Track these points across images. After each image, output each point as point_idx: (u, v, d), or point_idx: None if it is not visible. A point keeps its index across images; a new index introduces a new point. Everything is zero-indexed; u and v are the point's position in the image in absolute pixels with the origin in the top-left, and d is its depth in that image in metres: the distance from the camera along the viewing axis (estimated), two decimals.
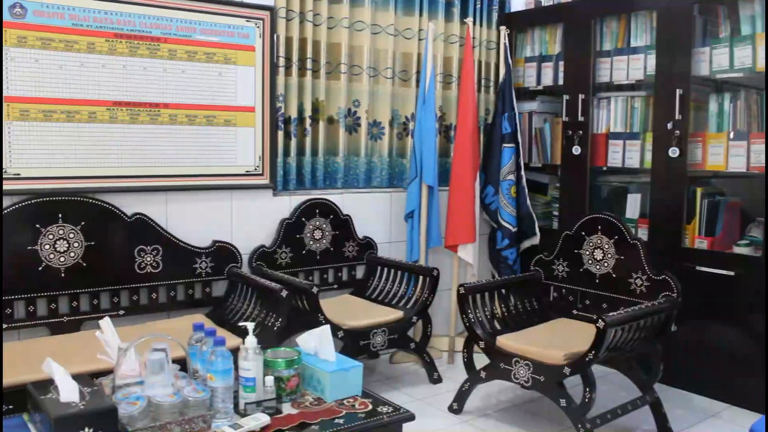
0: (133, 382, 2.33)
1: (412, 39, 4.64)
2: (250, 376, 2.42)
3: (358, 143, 4.48)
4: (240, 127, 3.96)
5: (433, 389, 4.09)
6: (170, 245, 3.73)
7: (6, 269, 3.33)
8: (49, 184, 3.46)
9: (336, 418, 2.44)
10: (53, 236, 3.43)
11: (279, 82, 4.07)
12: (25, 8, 3.36)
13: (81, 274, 3.51)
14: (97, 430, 2.08)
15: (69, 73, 3.49)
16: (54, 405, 2.10)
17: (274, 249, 4.09)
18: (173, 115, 3.76)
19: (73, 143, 3.51)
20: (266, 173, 4.06)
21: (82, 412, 2.08)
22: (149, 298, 3.71)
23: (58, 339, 3.40)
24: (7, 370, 2.90)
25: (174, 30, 3.74)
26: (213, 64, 3.86)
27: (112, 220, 3.58)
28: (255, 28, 3.97)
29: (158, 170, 3.73)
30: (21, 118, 3.38)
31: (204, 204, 3.90)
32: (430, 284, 4.06)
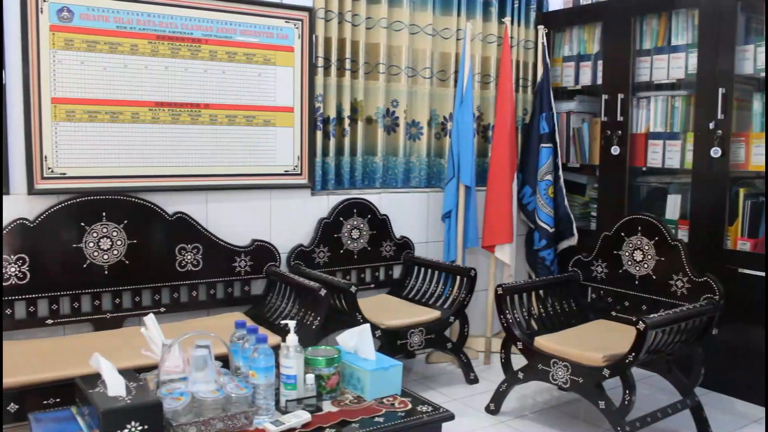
0: (176, 378, 2.37)
1: (450, 39, 4.64)
2: (292, 373, 2.44)
3: (396, 143, 4.50)
4: (279, 127, 4.00)
5: (470, 389, 4.08)
6: (210, 244, 3.78)
7: (52, 266, 3.41)
8: (93, 183, 3.53)
9: (376, 417, 2.46)
10: (97, 234, 3.50)
11: (318, 83, 4.10)
12: (72, 12, 3.44)
13: (123, 271, 3.57)
14: (143, 424, 2.12)
15: (113, 75, 3.55)
16: (102, 399, 2.15)
17: (312, 248, 4.13)
18: (214, 116, 3.81)
19: (116, 143, 3.58)
20: (304, 173, 4.09)
21: (129, 406, 2.13)
22: (189, 295, 3.76)
23: (102, 335, 3.46)
24: (54, 364, 2.98)
25: (214, 31, 3.79)
26: (253, 64, 3.90)
27: (153, 219, 3.64)
28: (294, 29, 4.01)
29: (199, 170, 3.79)
30: (67, 118, 3.45)
31: (243, 203, 3.95)
32: (468, 284, 4.06)
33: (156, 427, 2.15)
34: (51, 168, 3.43)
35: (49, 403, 2.82)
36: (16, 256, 3.33)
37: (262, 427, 2.31)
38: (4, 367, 2.93)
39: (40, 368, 2.93)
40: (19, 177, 3.38)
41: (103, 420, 2.08)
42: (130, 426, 2.10)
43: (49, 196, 3.43)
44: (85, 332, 3.52)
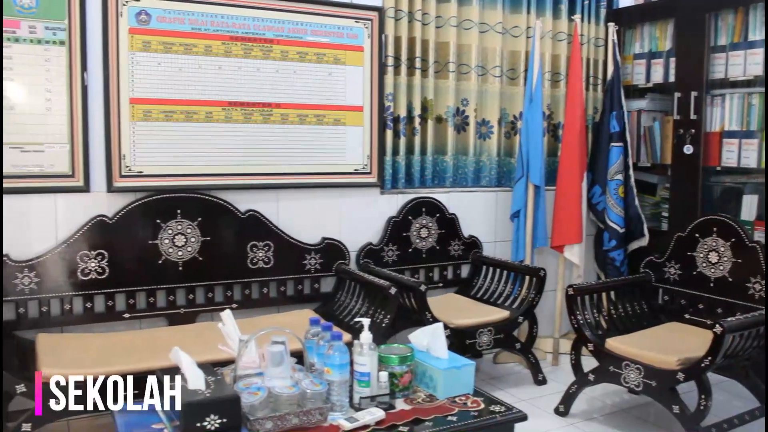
0: (253, 373, 2.41)
1: (520, 37, 4.60)
2: (365, 371, 2.45)
3: (466, 142, 4.48)
4: (349, 126, 4.03)
5: (538, 390, 4.04)
6: (281, 242, 3.84)
7: (129, 262, 3.52)
8: (168, 181, 3.62)
9: (449, 416, 2.46)
10: (172, 231, 3.58)
11: (387, 82, 4.12)
12: (149, 15, 3.53)
13: (197, 268, 3.65)
14: (222, 418, 2.16)
15: (188, 75, 3.64)
16: (183, 392, 2.20)
17: (381, 247, 4.15)
18: (285, 115, 3.86)
19: (191, 142, 3.67)
20: (374, 172, 4.11)
21: (209, 399, 2.17)
22: (260, 292, 3.82)
23: (176, 329, 3.55)
24: (132, 357, 3.07)
25: (286, 32, 3.84)
26: (323, 64, 3.94)
27: (226, 217, 3.71)
28: (363, 28, 4.03)
29: (270, 168, 3.85)
30: (144, 118, 3.55)
31: (313, 202, 3.99)
32: (537, 284, 4.02)
33: (234, 420, 2.18)
34: (129, 166, 3.53)
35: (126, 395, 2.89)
36: (96, 251, 3.45)
37: (337, 423, 2.33)
38: (85, 358, 3.04)
39: (120, 360, 3.03)
40: (99, 175, 3.49)
41: (184, 413, 2.13)
42: (209, 419, 2.14)
43: (126, 194, 3.53)
44: (159, 326, 3.62)
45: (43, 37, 3.35)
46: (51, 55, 3.37)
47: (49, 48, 3.36)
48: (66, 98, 3.40)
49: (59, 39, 3.38)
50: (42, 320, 3.38)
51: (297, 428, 2.28)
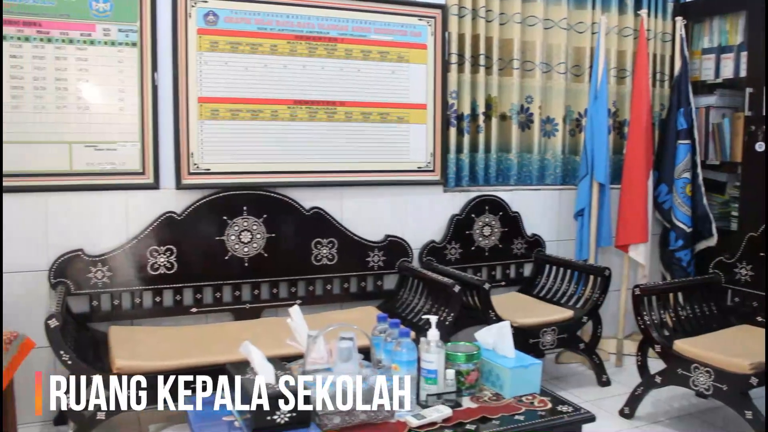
0: (321, 368, 2.43)
1: (585, 33, 4.53)
2: (433, 368, 2.45)
3: (530, 140, 4.44)
4: (412, 124, 4.04)
5: (602, 392, 3.98)
6: (345, 239, 3.87)
7: (197, 257, 3.60)
8: (235, 178, 3.69)
9: (516, 415, 2.43)
10: (238, 228, 3.65)
11: (451, 79, 4.11)
12: (217, 15, 3.60)
13: (262, 264, 3.71)
14: (292, 412, 2.18)
15: (254, 74, 3.70)
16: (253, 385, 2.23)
17: (444, 244, 4.14)
18: (349, 113, 3.88)
19: (256, 140, 3.72)
20: (437, 170, 4.11)
21: (279, 393, 2.19)
22: (324, 289, 3.86)
23: (242, 324, 3.61)
24: (201, 350, 3.13)
25: (350, 30, 3.87)
26: (386, 62, 3.95)
27: (291, 214, 3.76)
28: (427, 26, 4.03)
29: (334, 166, 3.88)
30: (212, 117, 3.61)
31: (377, 199, 4.01)
32: (602, 284, 3.96)
33: (303, 414, 2.20)
34: (197, 164, 3.60)
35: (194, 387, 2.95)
36: (165, 247, 3.53)
37: (404, 420, 2.33)
38: (157, 351, 3.11)
39: (189, 353, 3.10)
40: (168, 173, 3.58)
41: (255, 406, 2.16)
42: (279, 413, 2.17)
43: (194, 191, 3.61)
44: (225, 321, 3.68)
45: (116, 39, 3.45)
46: (124, 56, 3.46)
47: (122, 49, 3.46)
48: (137, 98, 3.49)
49: (131, 41, 3.47)
50: (114, 313, 3.49)
51: (364, 424, 2.29)
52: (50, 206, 3.41)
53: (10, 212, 3.33)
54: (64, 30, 3.37)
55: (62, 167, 3.40)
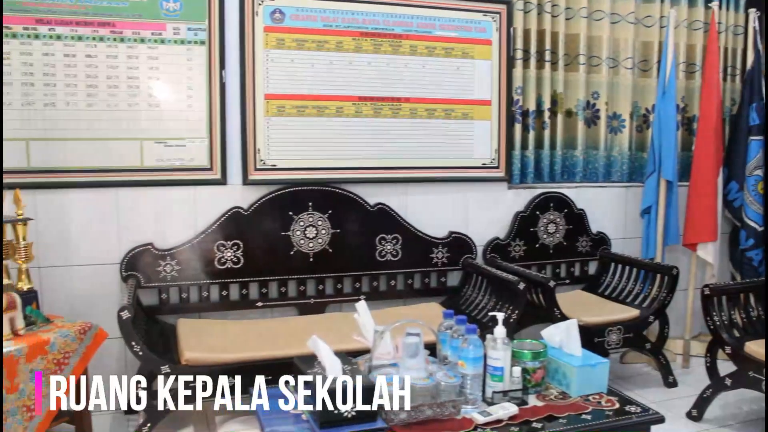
0: (387, 364, 2.44)
1: (653, 27, 4.43)
2: (499, 365, 2.43)
3: (597, 136, 4.37)
4: (477, 121, 4.01)
5: (668, 393, 3.89)
6: (409, 235, 3.87)
7: (263, 252, 3.65)
8: (301, 174, 3.72)
9: (583, 414, 2.40)
10: (304, 223, 3.68)
11: (516, 75, 4.07)
12: (283, 13, 3.63)
13: (327, 259, 3.74)
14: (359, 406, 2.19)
15: (320, 71, 3.72)
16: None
17: (508, 241, 4.11)
18: (413, 109, 3.88)
19: (322, 136, 3.75)
20: (502, 166, 4.08)
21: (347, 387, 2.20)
22: (388, 284, 3.87)
23: (307, 319, 3.65)
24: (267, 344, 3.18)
25: (415, 27, 3.86)
26: (451, 58, 3.94)
27: (356, 210, 3.78)
28: (492, 21, 4.00)
29: (399, 162, 3.89)
30: (278, 113, 3.65)
31: (441, 195, 4.00)
32: (669, 283, 3.87)
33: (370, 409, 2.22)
34: (263, 160, 3.65)
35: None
36: (232, 242, 3.59)
37: (470, 416, 2.32)
38: (224, 344, 3.17)
39: (256, 347, 3.14)
40: (235, 168, 3.63)
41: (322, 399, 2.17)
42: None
43: (261, 187, 3.66)
44: (290, 316, 3.73)
45: (185, 38, 3.51)
46: (192, 54, 3.53)
47: (191, 48, 3.53)
48: (205, 95, 3.56)
49: (200, 39, 3.53)
50: (182, 306, 3.56)
51: (430, 420, 2.28)
52: (122, 201, 3.50)
53: (84, 207, 3.45)
54: (136, 30, 3.45)
55: (133, 163, 3.49)
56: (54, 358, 2.86)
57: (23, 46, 3.32)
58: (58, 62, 3.37)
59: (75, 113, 3.40)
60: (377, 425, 2.22)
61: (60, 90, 3.38)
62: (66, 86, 3.38)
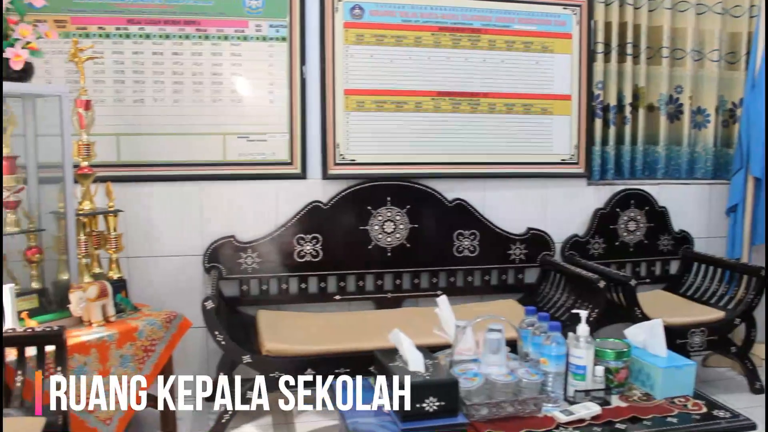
0: (468, 359, 2.44)
1: (742, 17, 4.26)
2: (582, 363, 2.40)
3: (680, 132, 4.24)
4: (556, 116, 3.96)
5: (754, 399, 3.75)
6: (487, 231, 3.85)
7: (341, 246, 3.69)
8: (379, 169, 3.75)
9: (668, 417, 2.34)
10: (382, 218, 3.71)
11: (597, 69, 4.00)
12: (362, 9, 3.66)
13: (404, 254, 3.76)
14: (441, 400, 2.20)
15: (398, 66, 3.74)
16: (403, 372, 2.26)
17: (587, 239, 4.04)
18: (492, 104, 3.86)
19: (400, 131, 3.77)
20: (581, 162, 4.01)
21: (429, 381, 2.22)
22: (465, 280, 3.86)
23: (385, 313, 3.67)
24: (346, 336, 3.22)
25: (493, 21, 3.84)
26: (530, 53, 3.90)
27: (434, 205, 3.78)
28: (572, 15, 3.94)
29: (477, 158, 3.87)
30: (357, 108, 3.69)
31: (519, 191, 3.97)
32: (757, 285, 3.73)
33: (452, 404, 2.22)
34: (342, 155, 3.69)
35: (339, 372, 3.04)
36: (311, 235, 3.64)
37: (551, 414, 2.30)
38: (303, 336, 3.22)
39: (335, 339, 3.19)
40: (315, 163, 3.68)
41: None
42: (428, 401, 2.19)
43: (340, 181, 3.70)
44: (367, 310, 3.76)
45: (267, 35, 3.58)
46: (274, 50, 3.59)
47: (272, 44, 3.59)
48: (286, 91, 3.62)
49: (281, 36, 3.59)
50: (261, 298, 3.64)
51: (511, 416, 2.27)
52: (205, 194, 3.60)
53: (169, 200, 3.56)
54: (220, 27, 3.53)
55: (217, 157, 3.58)
56: (142, 345, 2.98)
57: (115, 45, 3.45)
58: (146, 60, 3.48)
59: (162, 109, 3.51)
60: (458, 420, 2.22)
61: (148, 87, 3.49)
62: (154, 83, 3.50)
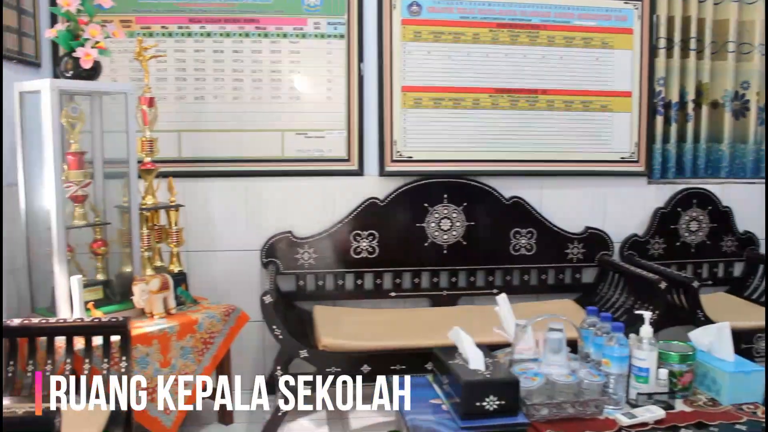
0: (528, 358, 2.41)
1: None
2: (645, 366, 2.35)
3: (745, 129, 4.10)
4: (616, 113, 3.89)
5: None
6: (544, 229, 3.81)
7: (397, 243, 3.70)
8: (436, 166, 3.74)
9: (737, 424, 2.26)
10: (438, 215, 3.70)
11: (659, 65, 3.91)
12: (420, 6, 3.65)
13: (460, 252, 3.74)
14: (501, 399, 2.18)
15: (456, 63, 3.72)
16: (464, 371, 2.25)
17: (647, 239, 3.96)
18: (551, 101, 3.81)
19: (458, 129, 3.75)
20: (641, 160, 3.93)
21: (489, 380, 2.20)
22: (521, 279, 3.83)
23: (440, 310, 3.67)
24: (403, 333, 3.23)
25: (552, 16, 3.79)
26: (590, 49, 3.83)
27: (490, 202, 3.76)
28: (633, 9, 3.86)
29: (535, 155, 3.83)
30: (414, 105, 3.68)
31: (577, 190, 3.91)
32: None
33: (512, 403, 2.20)
34: (399, 152, 3.69)
35: (395, 369, 3.05)
36: (367, 232, 3.66)
37: (613, 417, 2.26)
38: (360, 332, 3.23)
39: (392, 336, 3.19)
40: (372, 160, 3.69)
41: (465, 390, 2.18)
42: (488, 399, 2.17)
43: (397, 178, 3.70)
44: (422, 307, 3.75)
45: (325, 32, 3.60)
46: (332, 48, 3.61)
47: (330, 42, 3.61)
48: (344, 88, 3.63)
49: (339, 33, 3.61)
50: (317, 293, 3.67)
51: (572, 418, 2.24)
52: (264, 190, 3.64)
53: (228, 195, 3.62)
54: (279, 25, 3.57)
55: (275, 154, 3.62)
56: (201, 337, 3.03)
57: (177, 44, 3.51)
58: (207, 58, 3.54)
59: (222, 106, 3.57)
60: (518, 420, 2.20)
61: (209, 84, 3.55)
62: (214, 80, 3.55)
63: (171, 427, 2.88)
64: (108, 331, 2.52)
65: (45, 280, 2.95)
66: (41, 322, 2.53)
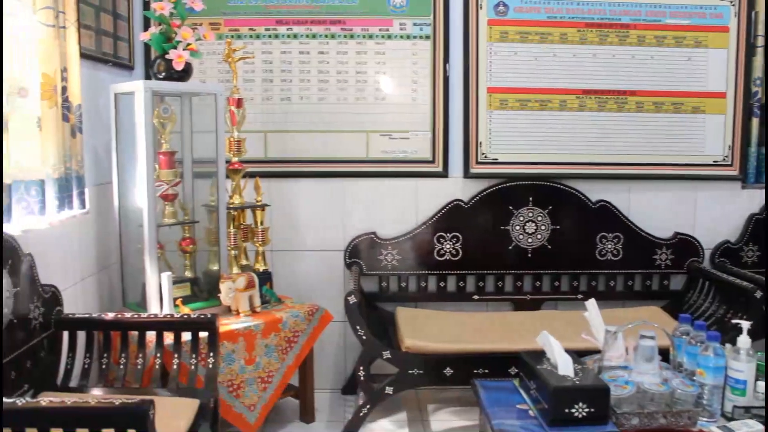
0: (617, 366, 2.36)
1: None
2: (742, 378, 2.27)
3: None
4: (708, 115, 3.76)
5: None
6: (631, 234, 3.72)
7: (481, 245, 3.68)
8: (521, 168, 3.70)
9: None
10: (523, 218, 3.66)
11: (756, 65, 3.75)
12: (507, 6, 3.62)
13: (545, 255, 3.69)
14: (590, 407, 2.14)
15: (543, 64, 3.67)
16: (552, 376, 2.22)
17: (740, 246, 3.81)
18: (640, 103, 3.72)
19: (544, 130, 3.70)
20: (736, 164, 3.79)
21: (579, 387, 2.16)
22: (606, 285, 3.75)
23: (524, 315, 3.62)
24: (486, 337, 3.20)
25: (643, 15, 3.70)
26: (682, 48, 3.72)
27: (576, 206, 3.69)
28: (729, 6, 3.73)
29: (623, 158, 3.74)
30: (500, 107, 3.65)
31: (666, 194, 3.80)
32: None
33: (602, 411, 2.15)
34: (484, 153, 3.66)
35: (478, 372, 3.03)
36: (451, 234, 3.65)
37: (707, 430, 2.18)
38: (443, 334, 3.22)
39: (475, 339, 3.17)
40: (457, 161, 3.68)
41: (554, 396, 2.14)
42: (577, 406, 2.14)
43: (481, 180, 3.68)
44: (505, 311, 3.71)
45: (411, 33, 3.61)
46: (417, 48, 3.62)
47: (416, 42, 3.61)
48: (429, 89, 3.63)
49: (425, 34, 3.61)
50: (400, 294, 3.68)
51: (663, 429, 2.18)
52: (347, 191, 3.67)
53: (313, 195, 3.67)
54: (365, 26, 3.60)
55: (359, 155, 3.65)
56: (285, 336, 3.08)
57: (264, 45, 3.58)
58: (294, 59, 3.59)
59: (307, 107, 3.62)
60: (608, 428, 2.15)
61: (295, 85, 3.60)
62: (300, 81, 3.60)
63: (254, 423, 2.94)
64: (197, 328, 2.59)
65: (136, 275, 3.06)
66: (134, 316, 2.62)
